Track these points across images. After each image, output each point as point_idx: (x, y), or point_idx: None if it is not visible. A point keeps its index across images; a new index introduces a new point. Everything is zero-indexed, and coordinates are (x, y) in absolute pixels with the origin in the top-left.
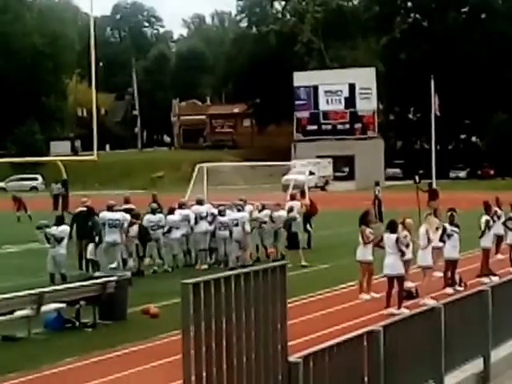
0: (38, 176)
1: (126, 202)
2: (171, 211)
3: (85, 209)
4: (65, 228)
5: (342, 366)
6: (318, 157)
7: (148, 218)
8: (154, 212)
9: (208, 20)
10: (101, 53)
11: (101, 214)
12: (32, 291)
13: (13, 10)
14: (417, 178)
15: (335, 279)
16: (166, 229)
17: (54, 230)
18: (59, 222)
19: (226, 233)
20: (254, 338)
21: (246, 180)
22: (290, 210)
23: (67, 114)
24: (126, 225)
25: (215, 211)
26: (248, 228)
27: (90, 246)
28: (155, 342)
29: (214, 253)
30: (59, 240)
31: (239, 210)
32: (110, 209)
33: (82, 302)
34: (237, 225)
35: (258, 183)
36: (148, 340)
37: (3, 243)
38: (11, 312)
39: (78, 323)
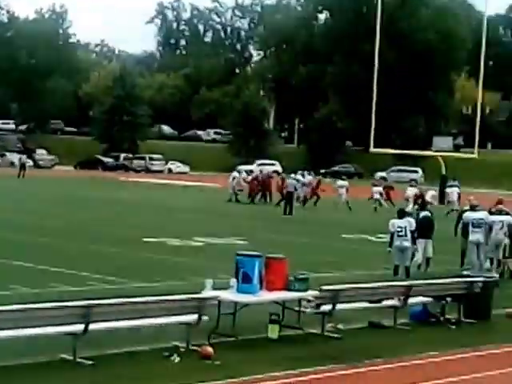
0: (419, 169)
1: (499, 203)
2: None
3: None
4: (405, 221)
5: None
6: None
7: None
8: None
9: None
10: (491, 51)
11: (465, 214)
12: (402, 283)
13: (409, 6)
14: None
15: None
16: None
17: (397, 222)
18: (400, 215)
19: None
20: None
21: None
22: None
23: (452, 110)
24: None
25: None
26: None
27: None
28: None
29: None
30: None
31: None
32: (473, 208)
33: (448, 299)
34: None
35: None
36: (510, 344)
37: (376, 231)
38: (379, 301)
39: (442, 318)
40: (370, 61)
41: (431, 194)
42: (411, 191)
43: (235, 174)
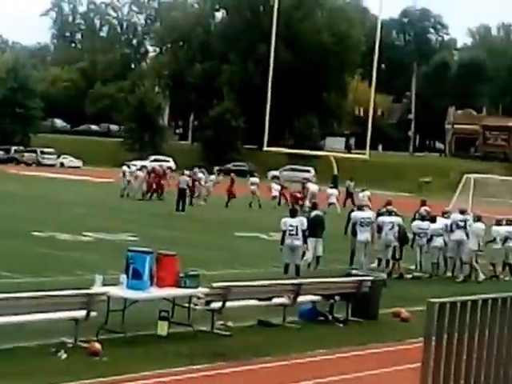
0: (311, 168)
1: (388, 204)
2: (433, 219)
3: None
4: (297, 220)
5: None
6: None
7: (417, 225)
8: (423, 219)
9: (494, 31)
10: (384, 55)
11: (353, 214)
12: (291, 281)
13: (305, 7)
14: None
15: None
16: (428, 236)
17: (289, 220)
18: (293, 214)
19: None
20: (495, 363)
21: None
22: None
23: (345, 112)
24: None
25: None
26: None
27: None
28: (402, 346)
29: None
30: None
31: None
32: (360, 208)
33: (336, 297)
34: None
35: None
36: (395, 343)
37: (268, 230)
38: (269, 299)
39: (330, 317)
40: (266, 60)
41: (335, 195)
42: (314, 187)
43: (125, 168)
